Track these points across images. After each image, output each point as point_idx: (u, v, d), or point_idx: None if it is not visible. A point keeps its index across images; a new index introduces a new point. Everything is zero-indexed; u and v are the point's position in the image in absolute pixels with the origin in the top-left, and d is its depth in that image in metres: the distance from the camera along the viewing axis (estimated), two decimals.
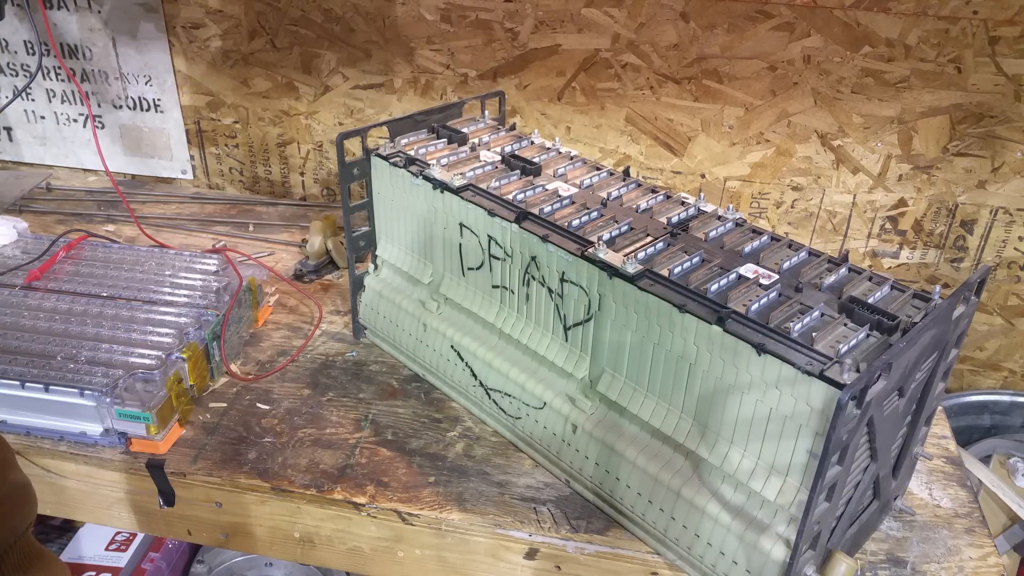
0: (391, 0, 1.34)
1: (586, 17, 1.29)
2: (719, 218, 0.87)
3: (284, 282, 1.27)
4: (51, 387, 0.92)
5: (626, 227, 0.84)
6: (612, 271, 0.77)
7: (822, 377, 0.64)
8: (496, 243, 0.89)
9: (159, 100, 1.54)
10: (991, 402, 1.40)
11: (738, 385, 0.71)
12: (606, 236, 0.82)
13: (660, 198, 0.91)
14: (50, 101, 1.58)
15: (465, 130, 1.06)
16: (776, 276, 0.76)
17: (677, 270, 0.76)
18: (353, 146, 1.45)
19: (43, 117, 1.60)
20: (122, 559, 1.34)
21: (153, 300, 1.08)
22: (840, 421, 0.59)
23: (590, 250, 0.79)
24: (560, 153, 1.02)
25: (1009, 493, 1.23)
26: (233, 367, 1.07)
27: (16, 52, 1.54)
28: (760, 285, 0.74)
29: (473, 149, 1.02)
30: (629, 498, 0.83)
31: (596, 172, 0.97)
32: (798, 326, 0.69)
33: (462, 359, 0.99)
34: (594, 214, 0.87)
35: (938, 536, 0.86)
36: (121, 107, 1.56)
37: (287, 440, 0.96)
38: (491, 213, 0.87)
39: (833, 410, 0.60)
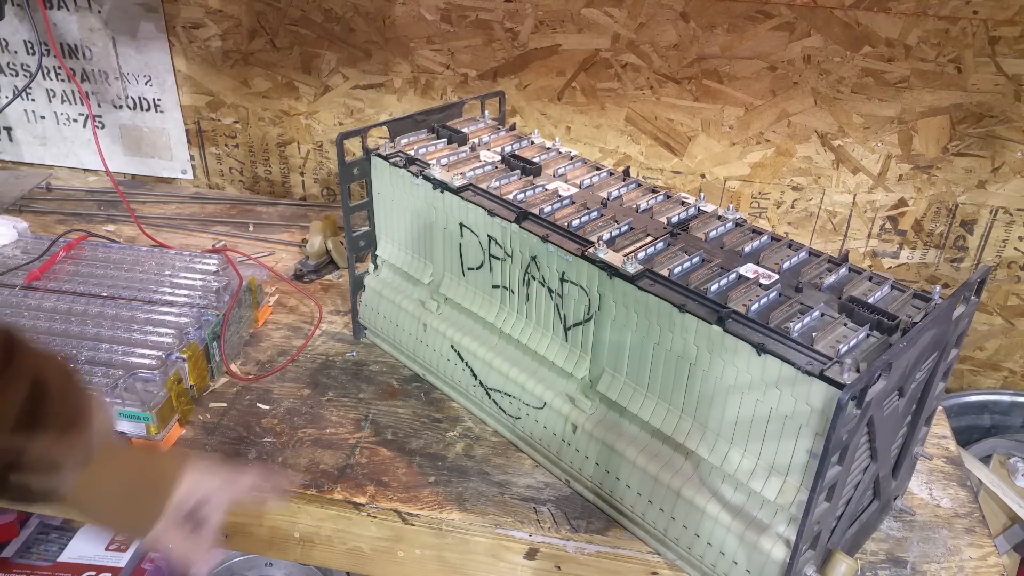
0: (391, 0, 1.34)
1: (586, 17, 1.29)
2: (719, 218, 0.87)
3: (284, 282, 1.27)
4: None
5: (626, 227, 0.84)
6: (612, 271, 0.77)
7: (822, 377, 0.64)
8: (496, 243, 0.89)
9: (159, 100, 1.54)
10: (991, 402, 1.40)
11: (738, 385, 0.71)
12: (606, 236, 0.82)
13: (660, 198, 0.91)
14: (50, 101, 1.58)
15: (465, 130, 1.06)
16: (776, 276, 0.76)
17: (677, 270, 0.76)
18: (353, 146, 1.45)
19: (43, 117, 1.60)
20: (122, 559, 1.34)
21: (153, 300, 1.08)
22: (840, 421, 0.59)
23: (590, 250, 0.79)
24: (560, 153, 1.02)
25: (1009, 493, 1.23)
26: (233, 367, 1.07)
27: (16, 52, 1.54)
28: (760, 285, 0.74)
29: (473, 149, 1.02)
30: (629, 498, 0.83)
31: (596, 172, 0.97)
32: (798, 326, 0.69)
33: (462, 359, 0.99)
34: (594, 214, 0.87)
35: (938, 536, 0.86)
36: (121, 107, 1.56)
37: (287, 440, 0.96)
38: (491, 213, 0.87)
39: (833, 410, 0.60)
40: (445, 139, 1.04)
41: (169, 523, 0.67)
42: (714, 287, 0.74)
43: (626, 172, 0.98)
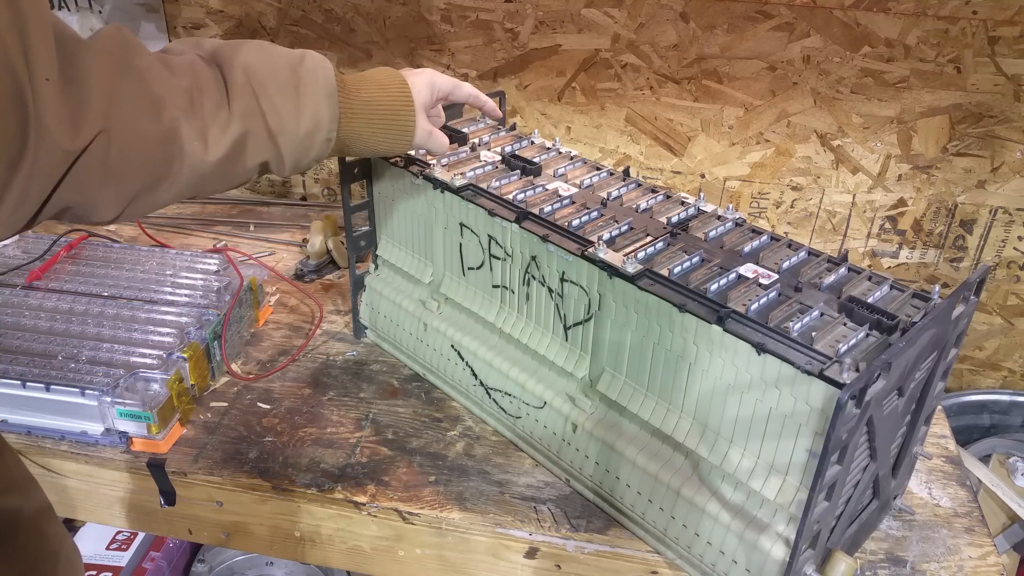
0: (391, 0, 1.35)
1: (586, 17, 1.29)
2: (719, 218, 0.87)
3: (285, 282, 1.28)
4: (52, 386, 0.93)
5: (626, 227, 0.85)
6: (612, 271, 0.77)
7: (822, 376, 0.64)
8: (496, 243, 0.90)
9: None
10: (990, 401, 1.40)
11: (738, 384, 0.71)
12: (606, 236, 0.82)
13: (660, 198, 0.92)
14: None
15: (465, 130, 1.06)
16: (776, 276, 0.76)
17: (677, 270, 0.77)
18: None
19: None
20: (123, 558, 1.34)
21: (154, 300, 1.08)
22: (839, 420, 0.60)
23: (590, 250, 0.80)
24: (560, 153, 1.03)
25: (1008, 492, 1.23)
26: (234, 366, 1.07)
27: None
28: (760, 285, 0.75)
29: (473, 149, 1.02)
30: (629, 497, 0.83)
31: (596, 172, 0.97)
32: (798, 326, 0.69)
33: (462, 358, 0.99)
34: (594, 214, 0.87)
35: (937, 535, 0.86)
36: None
37: (288, 439, 0.96)
38: (491, 213, 0.88)
39: (832, 409, 0.60)
40: None
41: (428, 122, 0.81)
42: (714, 287, 0.74)
43: (626, 172, 0.98)
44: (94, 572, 1.32)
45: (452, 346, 1.00)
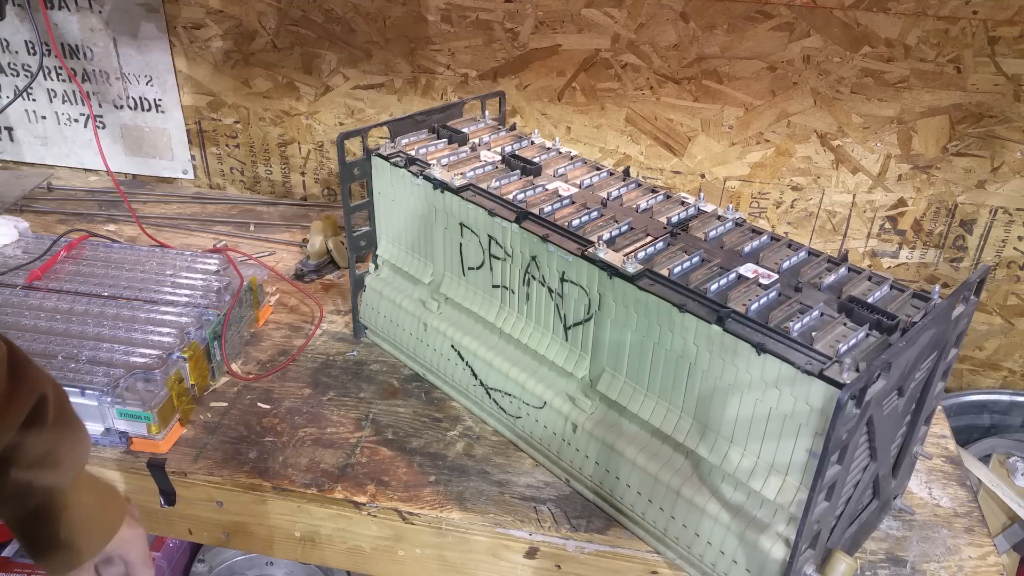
0: (391, 0, 1.34)
1: (586, 17, 1.29)
2: (719, 218, 0.87)
3: (285, 282, 1.28)
4: None
5: (626, 227, 0.85)
6: (612, 271, 0.77)
7: (822, 376, 0.64)
8: (496, 243, 0.90)
9: (160, 100, 1.54)
10: (990, 401, 1.40)
11: (738, 384, 0.71)
12: (606, 236, 0.82)
13: (660, 198, 0.92)
14: (51, 101, 1.58)
15: (465, 130, 1.06)
16: (776, 276, 0.76)
17: (677, 270, 0.77)
18: (354, 146, 1.45)
19: (44, 117, 1.60)
20: None
21: (154, 300, 1.08)
22: (840, 420, 0.60)
23: (590, 250, 0.80)
24: (560, 153, 1.03)
25: (1008, 492, 1.23)
26: (234, 366, 1.07)
27: (17, 52, 1.54)
28: (760, 285, 0.75)
29: (473, 149, 1.02)
30: (629, 497, 0.83)
31: (596, 172, 0.97)
32: (798, 326, 0.69)
33: (462, 359, 0.99)
34: (594, 214, 0.87)
35: (937, 535, 0.86)
36: (122, 107, 1.56)
37: (288, 439, 0.96)
38: (491, 213, 0.88)
39: (832, 409, 0.60)
40: (445, 139, 1.04)
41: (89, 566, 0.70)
42: (714, 287, 0.74)
43: (626, 172, 0.98)
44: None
45: (452, 346, 1.00)
